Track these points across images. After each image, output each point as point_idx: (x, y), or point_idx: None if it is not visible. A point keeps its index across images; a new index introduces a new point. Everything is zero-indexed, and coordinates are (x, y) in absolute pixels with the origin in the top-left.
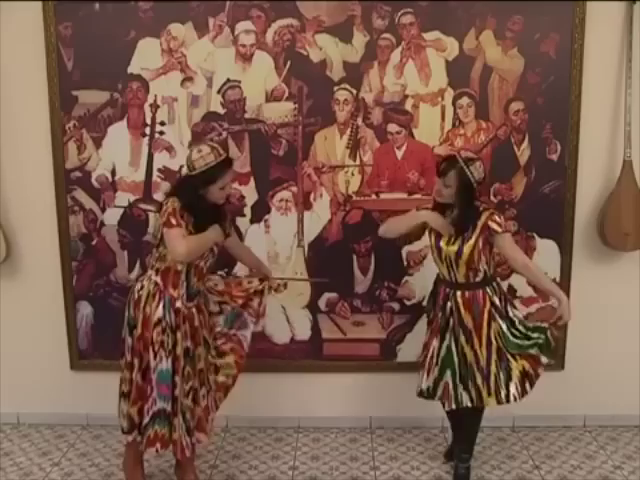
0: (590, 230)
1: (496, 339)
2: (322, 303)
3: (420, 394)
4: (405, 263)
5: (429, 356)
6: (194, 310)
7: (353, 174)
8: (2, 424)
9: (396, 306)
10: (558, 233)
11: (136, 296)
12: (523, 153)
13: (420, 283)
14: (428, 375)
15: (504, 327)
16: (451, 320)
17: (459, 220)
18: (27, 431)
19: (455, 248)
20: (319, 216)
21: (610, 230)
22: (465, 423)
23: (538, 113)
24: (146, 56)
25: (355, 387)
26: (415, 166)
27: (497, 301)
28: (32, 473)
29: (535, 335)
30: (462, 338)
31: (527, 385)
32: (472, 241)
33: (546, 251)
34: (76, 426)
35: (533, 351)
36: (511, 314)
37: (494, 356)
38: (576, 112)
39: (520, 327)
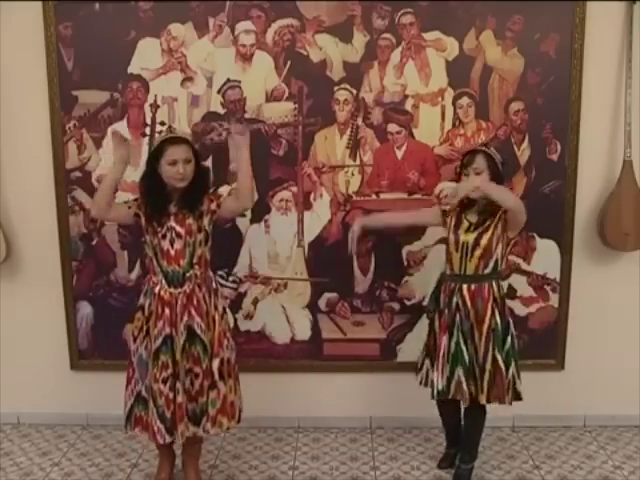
0: (590, 230)
1: (489, 334)
2: (322, 303)
3: (437, 395)
4: (405, 263)
5: (441, 355)
6: (180, 296)
7: (353, 174)
8: (2, 424)
9: (396, 306)
10: (558, 233)
11: None
12: (523, 153)
13: (420, 283)
14: (442, 375)
15: (499, 325)
16: (457, 316)
17: (489, 204)
18: (27, 431)
19: (474, 235)
20: (319, 216)
21: (610, 230)
22: (469, 423)
23: (538, 113)
24: (146, 56)
25: (355, 387)
26: (415, 166)
27: (499, 298)
28: (32, 473)
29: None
30: (470, 333)
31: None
32: (490, 230)
33: (546, 251)
34: (76, 426)
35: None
36: (511, 329)
37: (490, 352)
38: (576, 112)
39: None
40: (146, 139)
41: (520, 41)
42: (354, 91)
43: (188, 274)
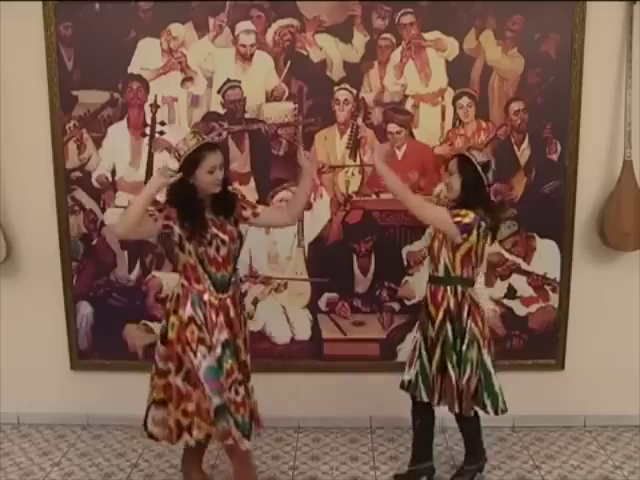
0: (590, 230)
1: (443, 342)
2: (322, 303)
3: (401, 386)
4: (405, 263)
5: (411, 349)
6: (229, 301)
7: (353, 174)
8: (2, 424)
9: (396, 306)
10: (558, 233)
11: (168, 305)
12: (523, 153)
13: (420, 283)
14: (410, 367)
15: (449, 332)
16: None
17: (458, 202)
18: (27, 431)
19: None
20: (319, 216)
21: (610, 230)
22: (461, 427)
23: (538, 113)
24: (146, 56)
25: (355, 387)
26: (415, 166)
27: (453, 305)
28: (32, 473)
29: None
30: (430, 331)
31: (457, 402)
32: (434, 233)
33: (546, 251)
34: (76, 426)
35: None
36: (468, 337)
37: (437, 355)
38: (576, 112)
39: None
40: (146, 139)
41: (520, 41)
42: (354, 91)
43: (233, 279)
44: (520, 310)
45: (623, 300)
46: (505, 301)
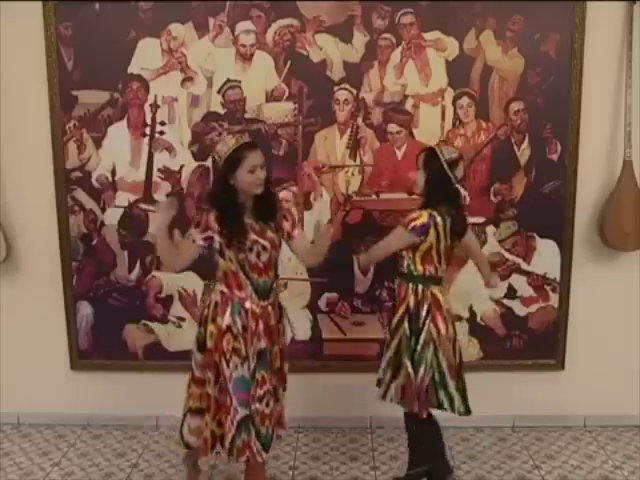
0: (590, 230)
1: (400, 337)
2: (322, 303)
3: (377, 384)
4: None
5: (385, 346)
6: (269, 308)
7: (353, 174)
8: (2, 424)
9: None
10: (558, 233)
11: (205, 312)
12: (523, 153)
13: None
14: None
15: (407, 332)
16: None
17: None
18: (27, 431)
19: None
20: (319, 216)
21: (610, 230)
22: (407, 429)
23: (538, 113)
24: (146, 56)
25: (355, 387)
26: (415, 166)
27: (412, 303)
28: (32, 473)
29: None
30: (393, 319)
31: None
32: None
33: (546, 251)
34: (76, 426)
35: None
36: (423, 337)
37: (392, 352)
38: (576, 112)
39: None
40: (146, 139)
41: (520, 41)
42: (354, 91)
43: (274, 285)
44: (520, 310)
45: (623, 300)
46: (505, 301)
